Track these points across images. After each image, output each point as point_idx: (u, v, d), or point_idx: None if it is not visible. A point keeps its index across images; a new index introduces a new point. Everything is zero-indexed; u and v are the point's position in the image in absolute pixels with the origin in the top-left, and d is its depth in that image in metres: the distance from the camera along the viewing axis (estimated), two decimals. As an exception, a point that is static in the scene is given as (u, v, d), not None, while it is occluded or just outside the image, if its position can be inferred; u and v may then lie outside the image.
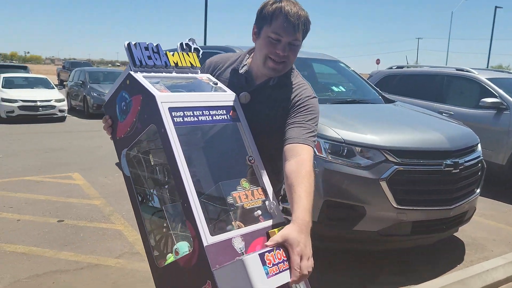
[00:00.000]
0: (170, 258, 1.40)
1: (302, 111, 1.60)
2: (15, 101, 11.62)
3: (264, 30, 1.55)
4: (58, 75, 30.76)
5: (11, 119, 11.53)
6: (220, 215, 1.37)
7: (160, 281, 1.45)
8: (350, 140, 3.31)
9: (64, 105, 12.71)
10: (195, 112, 1.39)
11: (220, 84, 1.60)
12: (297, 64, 5.35)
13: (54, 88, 13.88)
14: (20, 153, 7.55)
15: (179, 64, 1.56)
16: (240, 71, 1.66)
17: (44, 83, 13.83)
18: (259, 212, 1.38)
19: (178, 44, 1.62)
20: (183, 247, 1.34)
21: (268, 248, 1.21)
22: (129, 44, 1.45)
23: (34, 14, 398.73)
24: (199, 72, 1.64)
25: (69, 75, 26.98)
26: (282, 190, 1.78)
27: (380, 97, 4.87)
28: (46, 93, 12.72)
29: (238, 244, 1.25)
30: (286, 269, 1.20)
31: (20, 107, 11.58)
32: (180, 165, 1.27)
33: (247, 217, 1.37)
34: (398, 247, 3.70)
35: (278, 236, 1.26)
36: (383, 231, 3.30)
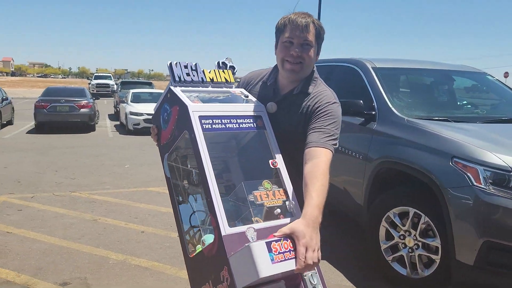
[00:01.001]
0: (199, 248, 1.57)
1: (321, 116, 1.68)
2: (141, 114, 12.56)
3: (280, 39, 1.73)
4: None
5: (137, 131, 12.47)
6: (241, 211, 1.50)
7: (191, 269, 1.65)
8: (520, 169, 2.68)
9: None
10: (223, 120, 1.56)
11: (250, 97, 1.76)
12: (436, 76, 4.67)
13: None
14: (144, 163, 8.01)
15: (215, 80, 1.74)
16: (268, 84, 1.82)
17: (166, 98, 14.80)
18: (279, 210, 1.50)
19: (216, 63, 1.81)
20: (209, 239, 1.50)
21: (276, 238, 1.32)
22: (170, 64, 1.67)
23: (156, 38, 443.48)
24: (234, 87, 1.81)
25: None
26: None
27: (542, 115, 4.04)
28: (167, 107, 13.55)
29: (251, 234, 1.37)
30: (291, 258, 1.31)
31: (145, 120, 12.45)
32: (206, 164, 1.43)
33: (267, 214, 1.49)
34: None
35: (286, 228, 1.38)
36: None
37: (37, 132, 12.42)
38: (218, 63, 1.81)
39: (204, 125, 1.51)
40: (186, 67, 1.69)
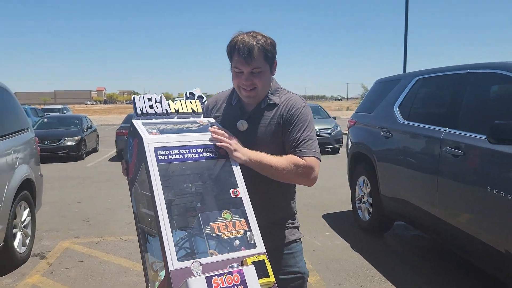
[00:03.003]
0: (156, 285, 1.51)
1: (297, 124, 1.72)
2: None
3: (231, 64, 1.73)
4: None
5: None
6: (198, 244, 1.43)
7: None
8: None
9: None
10: (181, 151, 1.52)
11: (216, 125, 1.70)
12: None
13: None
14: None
15: (180, 111, 1.73)
16: (233, 103, 1.83)
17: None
18: (238, 242, 1.44)
19: (184, 94, 1.93)
20: (163, 274, 1.42)
21: (219, 272, 1.29)
22: (133, 98, 1.69)
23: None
24: (202, 116, 1.78)
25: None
26: (295, 206, 1.91)
27: None
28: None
29: (196, 269, 1.31)
30: None
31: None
32: (157, 197, 1.39)
33: (225, 246, 1.42)
34: None
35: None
36: None
37: (119, 159, 12.30)
38: (186, 94, 1.88)
39: (159, 156, 1.48)
40: (150, 100, 1.70)
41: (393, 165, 4.45)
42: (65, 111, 28.34)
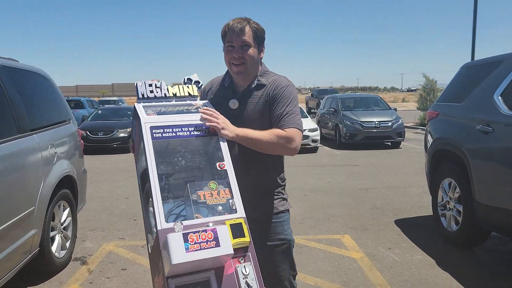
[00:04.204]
0: (152, 243, 1.69)
1: (281, 100, 1.90)
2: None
3: (225, 43, 1.94)
4: (307, 103, 31.92)
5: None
6: (182, 209, 1.60)
7: (150, 262, 1.77)
8: None
9: (317, 135, 11.87)
10: (174, 129, 1.71)
11: (209, 107, 1.86)
12: None
13: (308, 117, 13.31)
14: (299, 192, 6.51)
15: (178, 94, 1.90)
16: (226, 85, 2.02)
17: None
18: (220, 208, 1.61)
19: (182, 79, 1.97)
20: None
21: (194, 230, 1.47)
22: (136, 83, 1.85)
23: (287, 52, 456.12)
24: (198, 99, 1.95)
25: (316, 103, 27.21)
26: (283, 180, 2.08)
27: None
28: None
29: (177, 228, 1.48)
30: (208, 248, 1.45)
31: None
32: (151, 169, 1.59)
33: (210, 211, 1.60)
34: None
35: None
36: None
37: (169, 152, 12.03)
38: (184, 79, 1.96)
39: (154, 134, 1.67)
40: (151, 85, 1.85)
41: (496, 166, 3.60)
42: (120, 103, 28.85)
